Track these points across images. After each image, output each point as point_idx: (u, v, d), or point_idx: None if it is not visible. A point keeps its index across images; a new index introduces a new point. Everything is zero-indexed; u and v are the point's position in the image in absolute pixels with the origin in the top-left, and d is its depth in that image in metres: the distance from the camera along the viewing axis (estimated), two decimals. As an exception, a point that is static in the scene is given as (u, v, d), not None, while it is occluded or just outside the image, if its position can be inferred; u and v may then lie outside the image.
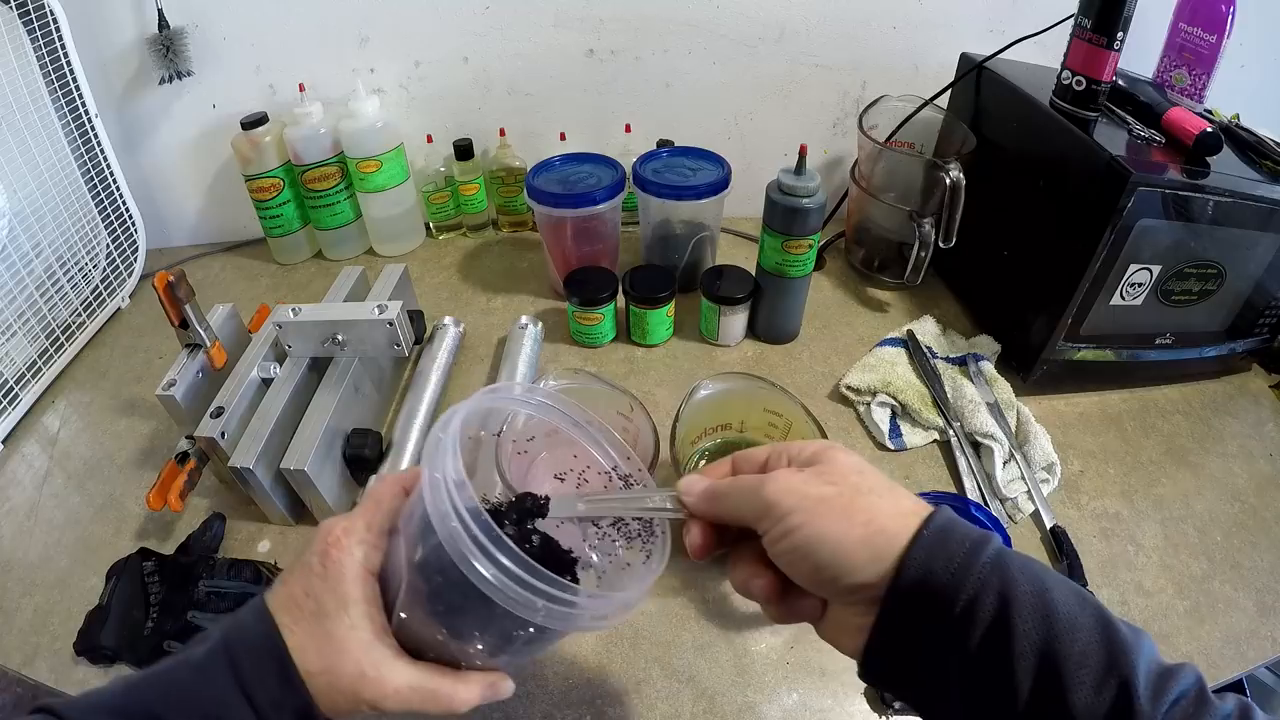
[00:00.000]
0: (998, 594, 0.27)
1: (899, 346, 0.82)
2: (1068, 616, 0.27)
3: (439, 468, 0.31)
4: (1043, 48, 0.81)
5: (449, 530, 0.30)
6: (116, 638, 0.56)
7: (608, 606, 0.33)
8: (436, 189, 1.01)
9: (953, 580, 0.28)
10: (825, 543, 0.30)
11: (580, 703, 0.54)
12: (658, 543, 0.39)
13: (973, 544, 0.29)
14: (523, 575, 0.30)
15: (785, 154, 0.92)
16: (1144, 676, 0.26)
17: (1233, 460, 0.73)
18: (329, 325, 0.67)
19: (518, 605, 0.30)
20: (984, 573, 0.28)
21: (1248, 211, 0.67)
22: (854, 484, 0.31)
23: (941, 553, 0.28)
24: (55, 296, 0.83)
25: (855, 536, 0.29)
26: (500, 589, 0.30)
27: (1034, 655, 0.26)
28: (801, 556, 0.30)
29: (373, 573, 0.35)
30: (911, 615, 0.29)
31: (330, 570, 0.34)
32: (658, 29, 0.92)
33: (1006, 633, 0.27)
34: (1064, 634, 0.27)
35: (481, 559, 0.29)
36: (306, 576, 0.34)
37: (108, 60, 0.88)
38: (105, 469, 0.73)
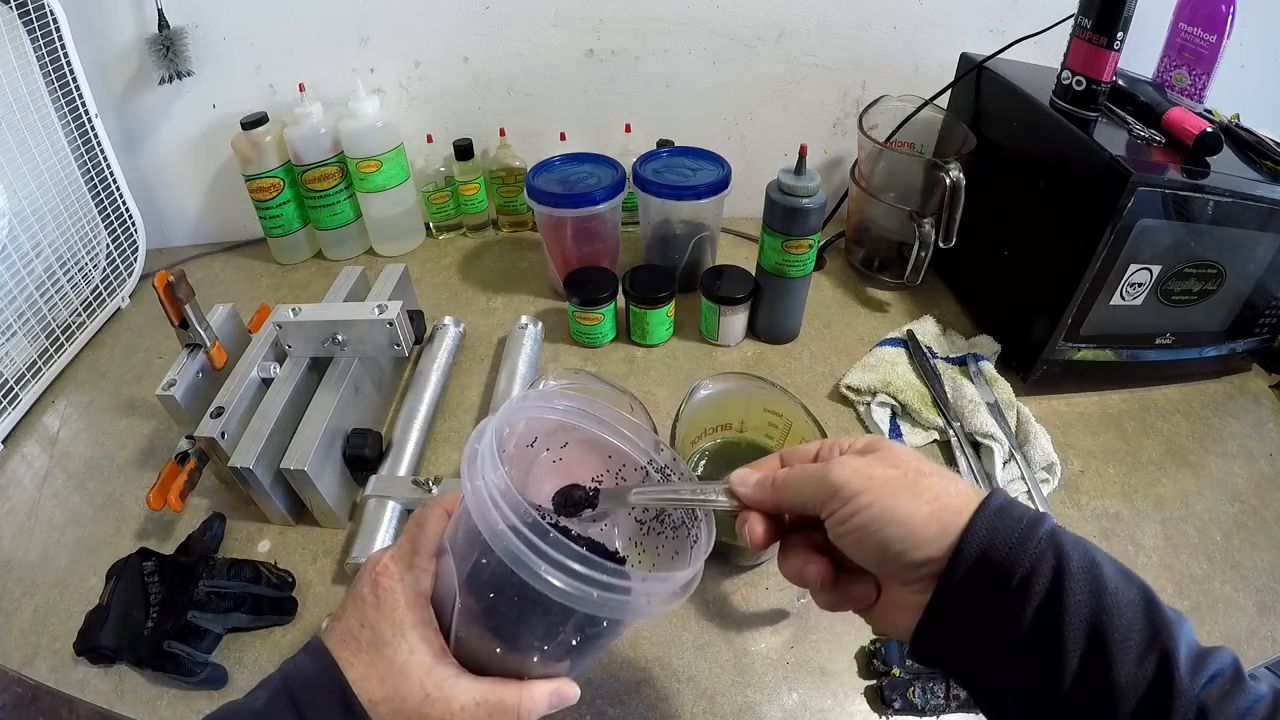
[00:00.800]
0: (1053, 568, 0.28)
1: (899, 346, 0.82)
2: (1115, 592, 0.28)
3: (479, 476, 0.31)
4: (1043, 48, 0.81)
5: (497, 534, 0.30)
6: (116, 638, 0.56)
7: (662, 587, 0.32)
8: (436, 189, 1.01)
9: (1011, 554, 0.29)
10: (894, 519, 0.31)
11: (580, 703, 0.54)
12: (702, 525, 0.39)
13: (1030, 521, 0.30)
14: (575, 566, 0.29)
15: (785, 154, 0.92)
16: (1184, 652, 0.27)
17: (1233, 460, 0.73)
18: (329, 325, 0.67)
19: (573, 598, 0.30)
20: (1040, 547, 0.29)
21: (1248, 211, 0.67)
22: (916, 467, 0.33)
23: (1001, 528, 0.30)
24: (55, 296, 0.83)
25: (923, 513, 0.30)
26: (554, 583, 0.29)
27: (1084, 628, 0.27)
28: (869, 534, 0.31)
29: (425, 596, 0.35)
30: (970, 588, 0.30)
31: (383, 598, 0.34)
32: (658, 29, 0.92)
33: (1059, 606, 0.28)
34: (1112, 608, 0.28)
35: (531, 555, 0.29)
36: (360, 608, 0.35)
37: (108, 60, 0.88)
38: (105, 469, 0.73)
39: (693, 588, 0.35)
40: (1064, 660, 0.28)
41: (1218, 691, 0.26)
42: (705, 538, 0.38)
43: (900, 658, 0.55)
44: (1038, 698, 0.29)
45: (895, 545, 0.31)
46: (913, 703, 0.53)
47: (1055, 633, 0.28)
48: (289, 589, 0.61)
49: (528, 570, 0.29)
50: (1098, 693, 0.27)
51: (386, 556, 0.36)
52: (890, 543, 0.31)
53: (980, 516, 0.30)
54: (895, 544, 0.31)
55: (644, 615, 0.33)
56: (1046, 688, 0.28)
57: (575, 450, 0.60)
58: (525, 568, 0.29)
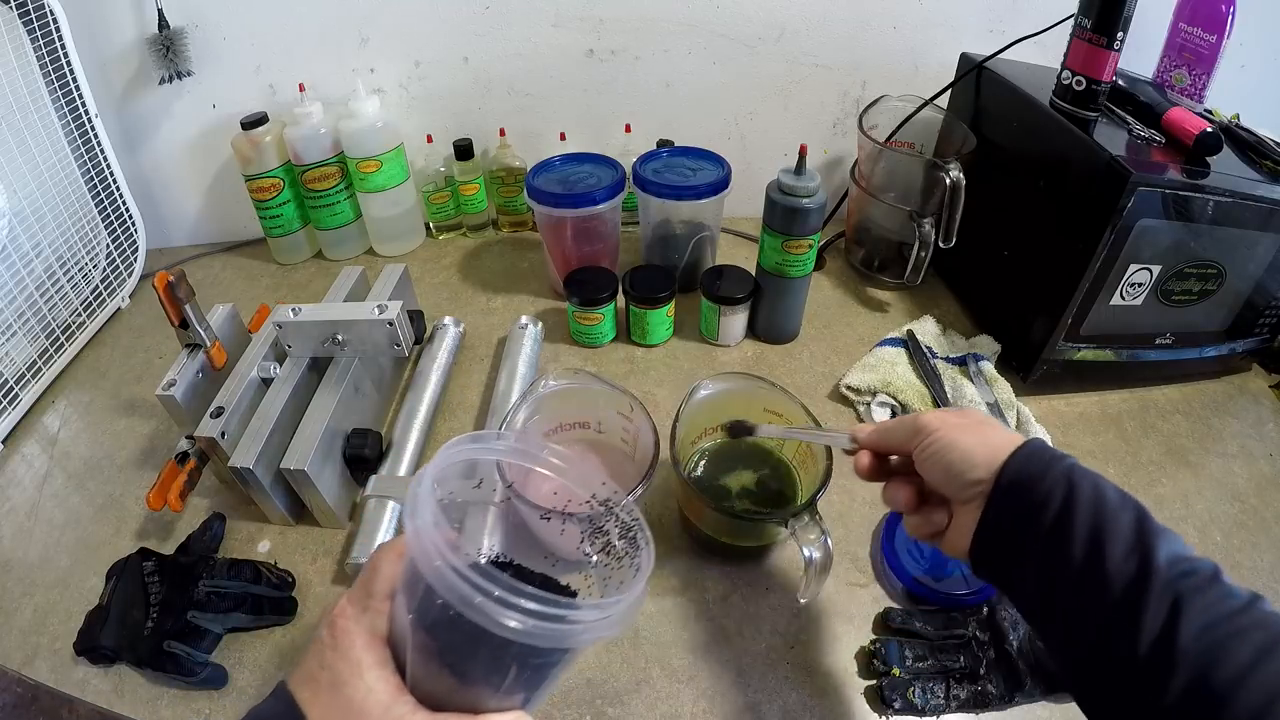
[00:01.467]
0: (1065, 490, 0.38)
1: (899, 346, 0.82)
2: (1112, 510, 0.37)
3: (418, 517, 0.32)
4: (1043, 48, 0.81)
5: (433, 570, 0.31)
6: (116, 638, 0.56)
7: (598, 614, 0.33)
8: (436, 189, 1.01)
9: (1036, 479, 0.39)
10: (956, 448, 0.42)
11: (580, 703, 0.54)
12: (644, 553, 0.41)
13: (1054, 458, 0.40)
14: (507, 596, 0.30)
15: (785, 154, 0.92)
16: (1164, 553, 0.35)
17: (1233, 460, 0.73)
18: (329, 325, 0.67)
19: (511, 630, 0.30)
20: (1057, 475, 0.39)
21: (1248, 211, 0.67)
22: (979, 419, 0.45)
23: (1032, 461, 0.40)
24: (55, 296, 0.83)
25: (976, 446, 0.42)
26: (486, 613, 0.30)
27: (1085, 531, 0.37)
28: (940, 458, 0.43)
29: (380, 637, 0.36)
30: (1006, 504, 0.40)
31: (340, 640, 0.35)
32: (658, 29, 0.92)
33: (1069, 516, 0.37)
34: (1108, 520, 0.36)
35: (465, 586, 0.30)
36: (319, 650, 0.36)
37: (108, 60, 0.88)
38: (105, 469, 0.73)
39: (635, 612, 0.35)
40: (1070, 555, 0.37)
41: (1193, 585, 0.33)
42: (645, 564, 0.40)
43: (900, 658, 0.55)
44: (1052, 584, 0.37)
45: (957, 466, 0.42)
46: (913, 703, 0.53)
47: (1065, 535, 0.37)
48: (289, 589, 0.61)
49: (464, 603, 0.30)
50: (1094, 578, 0.36)
51: (344, 599, 0.37)
52: (953, 465, 0.42)
53: (1018, 453, 0.40)
54: (957, 465, 0.42)
55: (586, 642, 0.34)
56: (1058, 576, 0.37)
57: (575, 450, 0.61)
58: (462, 601, 0.30)
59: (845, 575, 0.62)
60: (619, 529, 0.45)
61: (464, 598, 0.30)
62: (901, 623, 0.58)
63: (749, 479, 0.65)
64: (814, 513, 0.54)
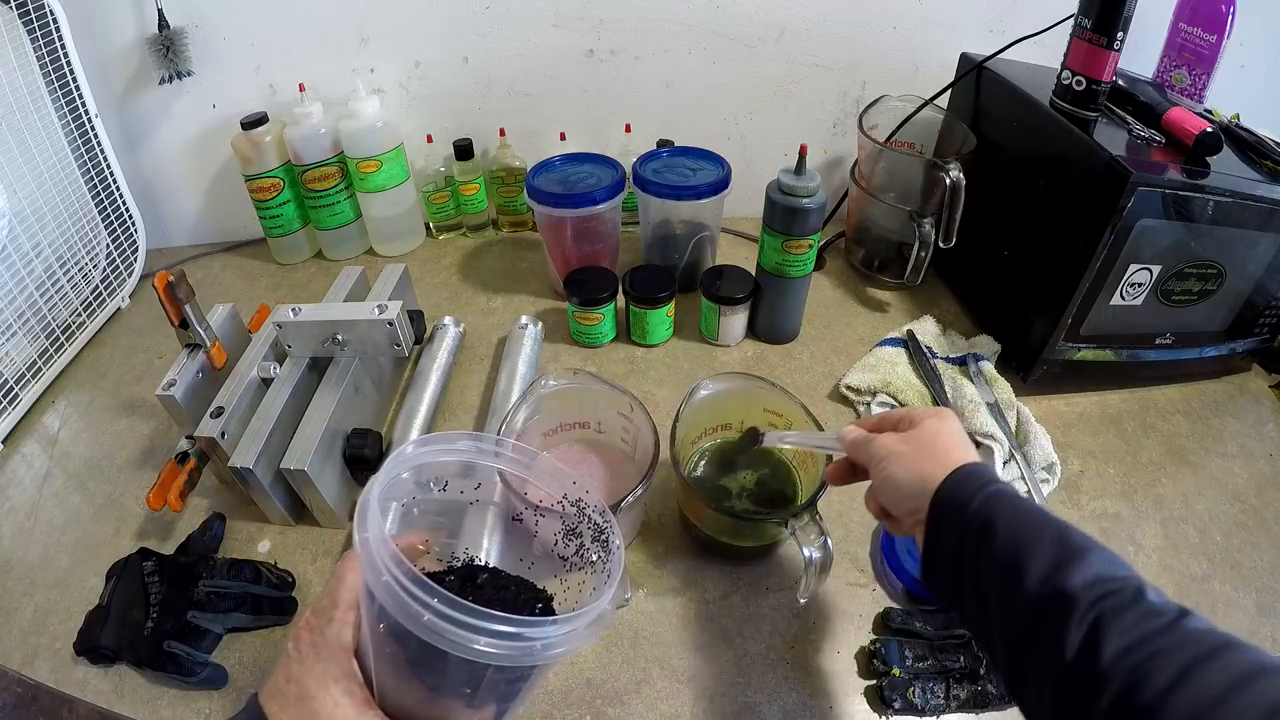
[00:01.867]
0: (982, 520, 0.40)
1: (899, 346, 0.82)
2: (1027, 537, 0.38)
3: (365, 529, 0.32)
4: (1043, 48, 0.81)
5: (381, 585, 0.30)
6: (116, 638, 0.56)
7: (561, 631, 0.33)
8: (436, 189, 1.01)
9: (960, 506, 0.41)
10: (894, 481, 0.45)
11: (580, 703, 0.54)
12: (614, 559, 0.40)
13: (976, 487, 0.41)
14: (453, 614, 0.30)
15: (785, 154, 0.92)
16: (1082, 577, 0.35)
17: (1233, 460, 0.73)
18: (329, 325, 0.67)
19: (459, 647, 0.30)
20: (977, 505, 0.40)
21: (1248, 211, 0.67)
22: (923, 444, 0.45)
23: (957, 490, 0.42)
24: (55, 296, 0.83)
25: (912, 480, 0.44)
26: (439, 632, 0.30)
27: (1003, 559, 0.38)
28: (884, 489, 0.46)
29: (346, 649, 0.35)
30: (940, 533, 0.42)
31: (305, 653, 0.35)
32: (658, 29, 0.92)
33: (989, 545, 0.39)
34: (1022, 548, 0.38)
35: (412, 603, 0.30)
36: (286, 664, 0.35)
37: (108, 60, 0.88)
38: (105, 469, 0.73)
39: (603, 624, 0.35)
40: (994, 583, 0.38)
41: (1113, 605, 0.34)
42: (616, 570, 0.39)
43: (900, 658, 0.55)
44: (982, 609, 0.39)
45: (896, 497, 0.46)
46: (913, 703, 0.53)
47: (987, 563, 0.39)
48: (289, 589, 0.61)
49: (411, 620, 0.30)
50: (1017, 604, 0.37)
51: (309, 612, 0.37)
52: (893, 496, 0.46)
53: (946, 481, 0.42)
54: (895, 496, 0.45)
55: (549, 659, 0.33)
56: (987, 602, 0.38)
57: (575, 450, 0.61)
58: (406, 615, 0.30)
59: (845, 575, 0.62)
60: (592, 531, 0.45)
61: (411, 614, 0.30)
62: (901, 623, 0.58)
63: (749, 479, 0.65)
64: (814, 513, 0.54)
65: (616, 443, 0.67)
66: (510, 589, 0.39)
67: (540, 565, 0.46)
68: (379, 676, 0.34)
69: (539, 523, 0.50)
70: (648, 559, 0.64)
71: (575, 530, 0.46)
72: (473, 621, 0.30)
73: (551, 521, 0.48)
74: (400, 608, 0.30)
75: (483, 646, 0.30)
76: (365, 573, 0.31)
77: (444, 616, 0.30)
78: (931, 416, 0.47)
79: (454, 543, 0.57)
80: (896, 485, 0.45)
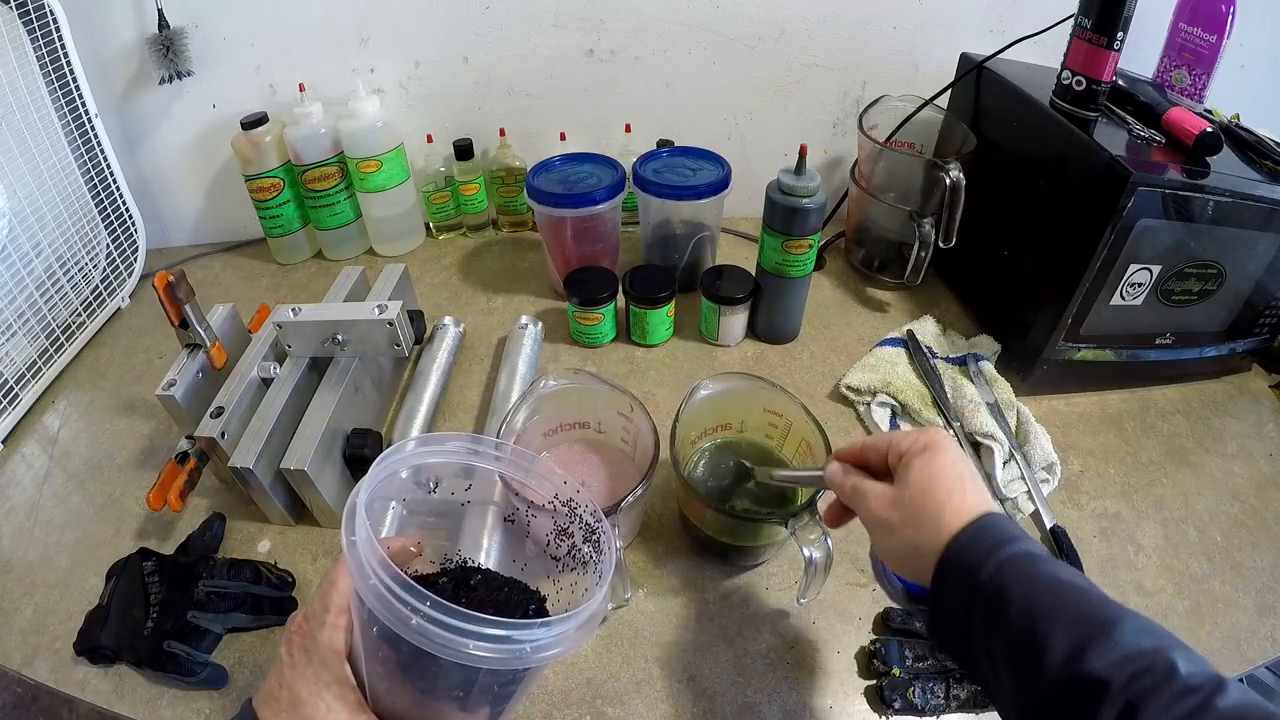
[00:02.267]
0: (995, 588, 0.36)
1: (899, 346, 0.82)
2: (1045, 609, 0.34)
3: (353, 532, 0.32)
4: (1043, 48, 0.81)
5: (369, 589, 0.30)
6: (116, 638, 0.56)
7: (550, 633, 0.32)
8: (436, 189, 1.01)
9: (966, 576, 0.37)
10: (889, 553, 0.43)
11: (580, 703, 0.54)
12: (606, 559, 0.40)
13: (983, 554, 0.37)
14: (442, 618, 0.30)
15: (785, 154, 0.92)
16: (1112, 657, 0.32)
17: (1233, 460, 0.73)
18: (329, 325, 0.67)
19: (449, 651, 0.30)
20: (987, 574, 0.36)
21: (1248, 211, 0.67)
22: (915, 510, 0.40)
23: (959, 561, 0.38)
24: (55, 296, 0.83)
25: (905, 553, 0.41)
26: (428, 636, 0.30)
27: (1020, 634, 0.34)
28: (878, 551, 0.45)
29: (339, 653, 0.35)
30: (943, 599, 0.38)
31: (297, 658, 0.35)
32: (658, 29, 0.92)
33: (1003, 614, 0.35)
34: (1043, 621, 0.34)
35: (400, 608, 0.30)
36: (279, 669, 0.35)
37: (108, 60, 0.88)
38: (105, 469, 0.73)
39: (594, 625, 0.34)
40: (1007, 661, 0.35)
41: (1146, 687, 0.31)
42: (607, 571, 0.39)
43: (900, 658, 0.55)
44: (996, 683, 0.35)
45: (893, 565, 0.44)
46: (913, 703, 0.53)
47: (998, 640, 0.35)
48: (289, 589, 0.61)
49: (400, 624, 0.30)
50: (1035, 683, 0.33)
51: (300, 616, 0.37)
52: (891, 563, 0.44)
53: (946, 555, 0.38)
54: (892, 564, 0.43)
55: (539, 662, 0.33)
56: (1001, 677, 0.35)
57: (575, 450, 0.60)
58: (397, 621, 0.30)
59: (845, 575, 0.62)
60: (583, 531, 0.44)
61: (400, 619, 0.30)
62: (901, 623, 0.58)
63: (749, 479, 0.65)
64: (814, 513, 0.54)
65: (616, 443, 0.67)
66: (503, 590, 0.39)
67: (533, 566, 0.46)
68: (371, 680, 0.34)
69: (531, 523, 0.50)
70: (648, 559, 0.64)
71: (567, 530, 0.46)
72: (462, 625, 0.30)
73: (544, 521, 0.48)
74: (389, 612, 0.30)
75: (473, 650, 0.30)
76: (353, 577, 0.31)
77: (433, 621, 0.30)
78: (920, 453, 0.42)
79: (449, 544, 0.57)
80: (892, 556, 0.43)
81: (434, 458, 0.42)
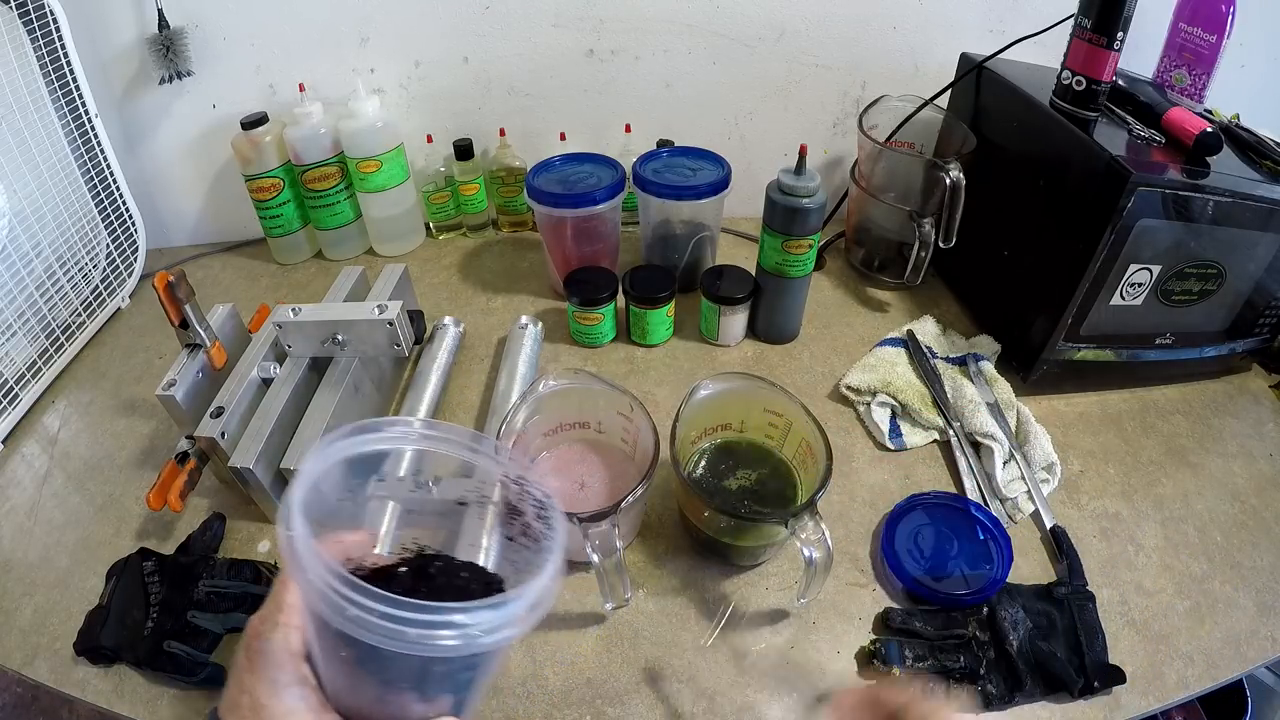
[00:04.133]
0: None
1: (899, 346, 0.82)
2: None
3: (290, 526, 0.30)
4: (1043, 48, 0.81)
5: (306, 583, 0.29)
6: (116, 638, 0.56)
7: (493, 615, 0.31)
8: (436, 189, 1.01)
9: None
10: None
11: (580, 703, 0.54)
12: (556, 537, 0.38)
13: None
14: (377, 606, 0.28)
15: (785, 154, 0.92)
16: None
17: (1233, 460, 0.73)
18: (329, 325, 0.67)
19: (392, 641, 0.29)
20: None
21: (1248, 211, 0.67)
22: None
23: None
24: (55, 296, 0.83)
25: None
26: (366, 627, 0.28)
27: None
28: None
29: (296, 653, 0.34)
30: None
31: (255, 662, 0.34)
32: (658, 29, 0.92)
33: None
34: None
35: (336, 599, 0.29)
36: (238, 675, 0.35)
37: (108, 60, 0.88)
38: (105, 469, 0.73)
39: (545, 605, 0.33)
40: None
41: None
42: (557, 548, 0.37)
43: (900, 658, 0.55)
44: None
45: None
46: (913, 703, 0.53)
47: None
48: (289, 589, 0.61)
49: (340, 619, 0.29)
50: None
51: (256, 619, 0.35)
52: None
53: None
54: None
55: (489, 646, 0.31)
56: None
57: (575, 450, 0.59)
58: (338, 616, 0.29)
59: (845, 575, 0.62)
60: (535, 508, 0.42)
61: (336, 610, 0.29)
62: (901, 623, 0.58)
63: (749, 479, 0.65)
64: (814, 513, 0.54)
65: (616, 443, 0.67)
66: (462, 575, 0.38)
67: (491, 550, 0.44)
68: (329, 677, 0.34)
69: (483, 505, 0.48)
70: (648, 559, 0.64)
71: (518, 509, 0.44)
72: (400, 614, 0.29)
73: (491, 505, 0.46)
74: (327, 606, 0.29)
75: (415, 639, 0.29)
76: (292, 573, 0.30)
77: (370, 611, 0.28)
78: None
79: (448, 545, 0.56)
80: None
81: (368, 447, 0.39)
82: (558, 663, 0.56)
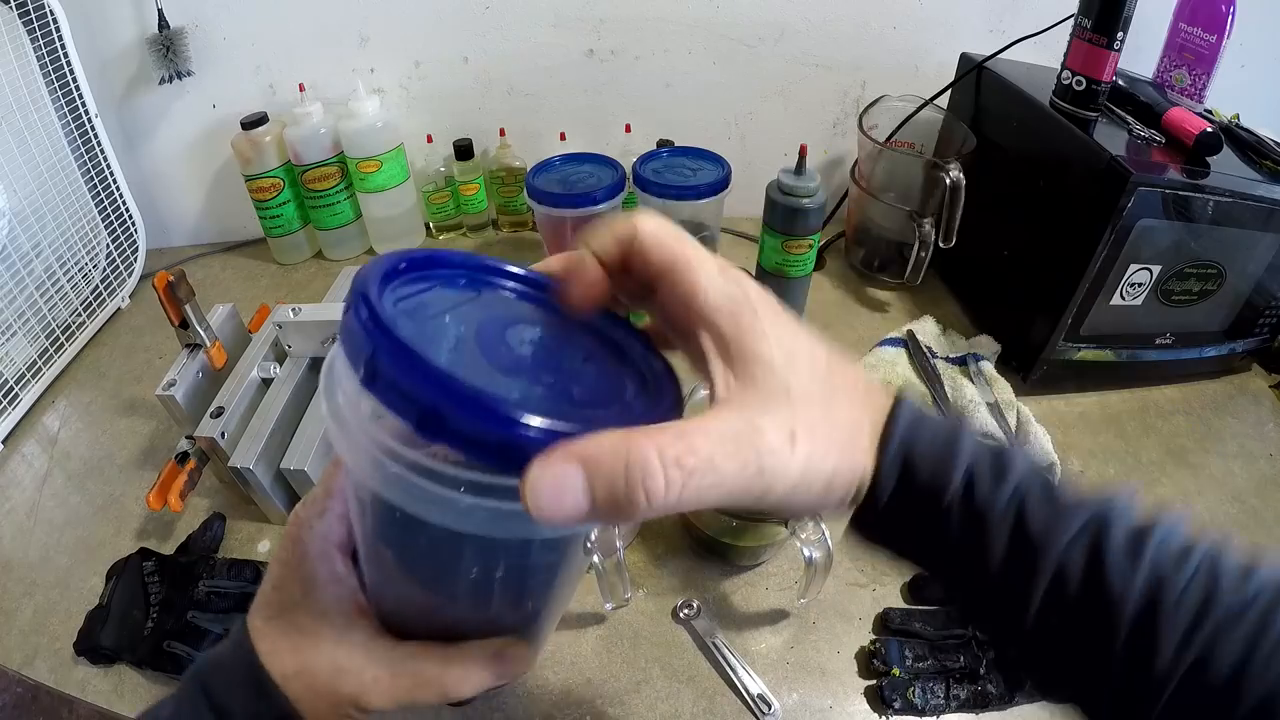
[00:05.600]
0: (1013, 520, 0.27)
1: (899, 346, 0.82)
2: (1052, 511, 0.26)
3: (332, 395, 0.24)
4: (1043, 48, 0.81)
5: (347, 445, 0.24)
6: (116, 638, 0.56)
7: None
8: (436, 189, 1.01)
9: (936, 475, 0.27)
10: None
11: (580, 702, 0.54)
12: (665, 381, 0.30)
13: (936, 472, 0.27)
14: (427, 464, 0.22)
15: (785, 154, 0.92)
16: (1118, 535, 0.26)
17: (1233, 460, 0.73)
18: (329, 325, 0.67)
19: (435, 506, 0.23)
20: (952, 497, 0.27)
21: (1248, 211, 0.67)
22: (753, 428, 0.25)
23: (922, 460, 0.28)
24: (55, 296, 0.83)
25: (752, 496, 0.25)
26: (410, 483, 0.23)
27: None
28: None
29: (340, 545, 0.30)
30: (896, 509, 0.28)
31: (294, 553, 0.29)
32: (658, 29, 0.92)
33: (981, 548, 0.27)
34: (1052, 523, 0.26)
35: (385, 458, 0.23)
36: (276, 568, 0.30)
37: (108, 60, 0.88)
38: (105, 469, 0.73)
39: None
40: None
41: (1171, 560, 0.25)
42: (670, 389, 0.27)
43: (900, 658, 0.55)
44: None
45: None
46: (913, 703, 0.53)
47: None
48: (289, 589, 0.61)
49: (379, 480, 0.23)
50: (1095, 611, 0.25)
51: (300, 505, 0.31)
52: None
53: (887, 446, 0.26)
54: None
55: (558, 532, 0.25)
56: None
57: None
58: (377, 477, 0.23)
59: (845, 575, 0.62)
60: None
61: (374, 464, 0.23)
62: (901, 623, 0.58)
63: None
64: (814, 513, 0.54)
65: (616, 443, 0.67)
66: None
67: None
68: (369, 576, 0.29)
69: None
70: (648, 559, 0.64)
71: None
72: (450, 472, 0.22)
73: None
74: (364, 465, 0.23)
75: (466, 504, 0.22)
76: (330, 431, 0.24)
77: (414, 467, 0.22)
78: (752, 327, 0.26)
79: None
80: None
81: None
82: (558, 663, 0.56)
